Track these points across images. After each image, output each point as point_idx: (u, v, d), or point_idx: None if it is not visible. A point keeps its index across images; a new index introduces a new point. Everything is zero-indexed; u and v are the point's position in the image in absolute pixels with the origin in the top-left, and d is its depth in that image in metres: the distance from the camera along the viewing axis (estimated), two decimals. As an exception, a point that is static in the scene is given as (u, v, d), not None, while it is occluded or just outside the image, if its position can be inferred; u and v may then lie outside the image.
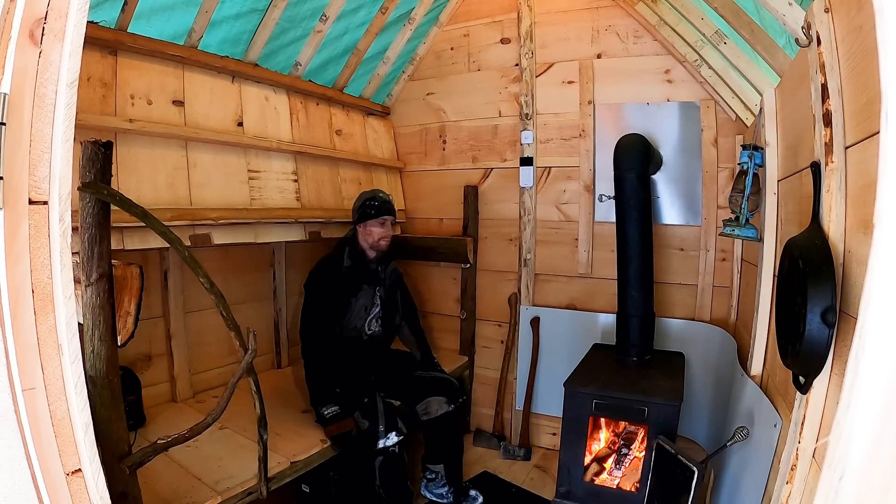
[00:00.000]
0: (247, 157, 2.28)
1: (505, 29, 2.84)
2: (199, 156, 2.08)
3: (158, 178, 1.94)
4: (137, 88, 1.89)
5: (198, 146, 2.07)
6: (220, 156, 2.17)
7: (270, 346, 2.67)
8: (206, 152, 2.11)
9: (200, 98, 2.11)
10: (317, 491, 2.18)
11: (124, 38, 1.82)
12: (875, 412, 0.54)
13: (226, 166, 2.20)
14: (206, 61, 2.12)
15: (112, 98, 1.82)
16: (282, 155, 2.44)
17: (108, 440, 1.13)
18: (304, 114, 2.62)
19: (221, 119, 2.19)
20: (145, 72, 1.92)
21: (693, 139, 2.43)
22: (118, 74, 1.83)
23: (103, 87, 1.79)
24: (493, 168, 2.94)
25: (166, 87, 2.00)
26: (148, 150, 1.90)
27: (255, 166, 2.31)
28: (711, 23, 1.95)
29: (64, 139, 0.76)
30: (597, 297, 2.67)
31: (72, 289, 0.81)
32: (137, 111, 1.88)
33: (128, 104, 1.86)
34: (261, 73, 2.35)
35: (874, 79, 0.66)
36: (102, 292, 1.10)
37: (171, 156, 1.98)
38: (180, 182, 2.02)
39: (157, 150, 1.93)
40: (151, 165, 1.91)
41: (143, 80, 1.91)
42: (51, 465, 0.77)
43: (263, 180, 2.34)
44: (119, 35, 1.81)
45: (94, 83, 1.77)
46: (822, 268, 0.88)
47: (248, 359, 1.26)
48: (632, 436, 2.13)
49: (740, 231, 1.74)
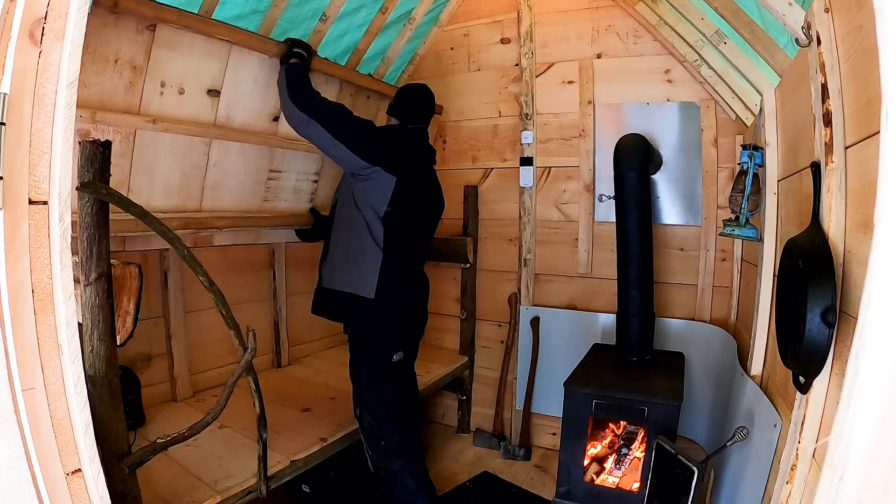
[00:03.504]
0: (272, 156, 2.20)
1: (505, 29, 2.84)
2: (223, 154, 2.01)
3: (173, 179, 1.87)
4: (171, 74, 1.70)
5: (224, 143, 1.98)
6: (245, 155, 2.10)
7: (270, 346, 2.67)
8: (231, 151, 2.03)
9: (242, 87, 1.95)
10: (317, 491, 2.19)
11: (167, 15, 1.57)
12: (875, 412, 0.54)
13: (248, 166, 2.14)
14: (258, 46, 1.90)
15: (139, 85, 1.63)
16: (308, 155, 2.39)
17: (108, 440, 1.13)
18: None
19: (258, 113, 2.05)
20: (185, 53, 1.69)
21: (693, 139, 2.43)
22: (151, 55, 1.61)
23: (132, 72, 1.59)
24: (493, 168, 2.94)
25: (204, 73, 1.81)
26: (169, 148, 1.80)
27: (277, 165, 2.24)
28: (711, 23, 1.95)
29: (64, 139, 0.76)
30: (597, 297, 2.67)
31: (72, 289, 0.81)
32: (165, 103, 1.72)
33: (156, 93, 1.69)
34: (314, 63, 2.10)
35: (874, 79, 0.66)
36: (101, 292, 1.10)
37: (192, 153, 1.91)
38: (195, 183, 1.97)
39: (178, 147, 1.84)
40: (169, 165, 1.83)
41: (179, 63, 1.70)
42: (51, 465, 0.78)
43: (282, 181, 2.31)
44: (161, 10, 1.55)
45: (121, 66, 1.56)
46: (822, 268, 0.88)
47: (247, 357, 1.26)
48: (632, 436, 2.14)
49: (740, 231, 1.74)
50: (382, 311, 1.89)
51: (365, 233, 1.87)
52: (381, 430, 1.93)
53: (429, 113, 2.13)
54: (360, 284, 1.87)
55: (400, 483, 1.96)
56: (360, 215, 1.88)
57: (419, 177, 2.00)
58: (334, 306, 1.97)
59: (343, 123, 1.84)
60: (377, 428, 1.92)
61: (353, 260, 1.89)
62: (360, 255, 1.88)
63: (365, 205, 1.88)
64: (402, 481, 1.96)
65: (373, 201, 1.87)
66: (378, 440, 1.93)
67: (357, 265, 1.88)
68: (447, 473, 2.53)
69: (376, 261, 1.87)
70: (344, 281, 1.90)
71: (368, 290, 1.86)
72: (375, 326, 1.92)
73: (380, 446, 1.94)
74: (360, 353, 1.96)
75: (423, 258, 2.10)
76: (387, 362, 1.94)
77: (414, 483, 1.96)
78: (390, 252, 1.88)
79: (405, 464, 1.96)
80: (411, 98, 2.11)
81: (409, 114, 2.07)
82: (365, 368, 1.94)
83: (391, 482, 1.97)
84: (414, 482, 1.96)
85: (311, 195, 2.52)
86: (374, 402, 1.92)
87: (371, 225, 1.87)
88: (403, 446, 1.96)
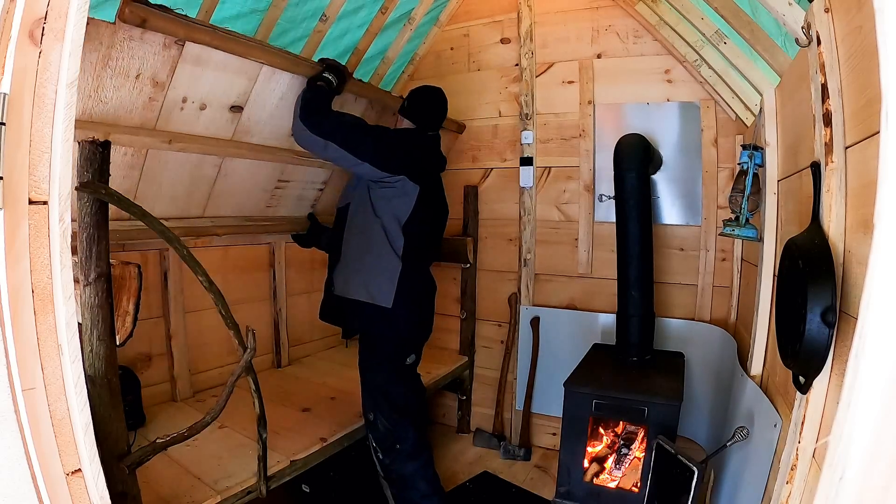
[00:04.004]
0: (284, 167, 2.16)
1: (505, 29, 2.84)
2: (235, 166, 1.98)
3: (180, 189, 1.84)
4: (195, 90, 1.61)
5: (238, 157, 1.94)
6: (257, 166, 2.06)
7: (270, 346, 2.67)
8: (244, 163, 2.00)
9: (267, 105, 1.86)
10: (317, 491, 2.19)
11: (200, 35, 1.47)
12: (875, 412, 0.54)
13: (257, 176, 2.12)
14: (291, 68, 1.83)
15: (160, 101, 1.54)
16: (318, 164, 2.37)
17: (108, 440, 1.12)
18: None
19: (278, 129, 1.97)
20: (213, 69, 1.59)
21: (693, 139, 2.43)
22: (177, 71, 1.51)
23: (153, 87, 1.50)
24: (493, 168, 2.94)
25: (230, 91, 1.72)
26: (181, 161, 1.76)
27: (287, 176, 2.22)
28: (711, 23, 1.95)
29: (64, 139, 0.76)
30: (597, 297, 2.67)
31: (72, 289, 0.81)
32: (184, 118, 1.65)
33: (176, 109, 1.59)
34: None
35: (874, 79, 0.66)
36: (101, 292, 1.10)
37: (203, 166, 1.87)
38: (201, 191, 1.95)
39: (191, 160, 1.80)
40: (178, 176, 1.78)
41: (206, 79, 1.61)
42: (51, 465, 0.78)
43: (289, 189, 2.30)
44: (194, 29, 1.45)
45: (142, 81, 1.47)
46: (822, 268, 0.88)
47: (247, 357, 1.26)
48: (632, 436, 2.13)
49: (740, 231, 1.74)
50: (399, 320, 1.87)
51: (383, 241, 1.85)
52: (397, 432, 1.91)
53: (444, 119, 2.13)
54: (378, 294, 1.85)
55: (412, 486, 1.94)
56: (377, 223, 1.85)
57: (434, 185, 2.00)
58: (349, 315, 1.94)
59: (361, 140, 1.80)
60: (392, 431, 1.90)
61: (371, 269, 1.86)
62: (377, 264, 1.85)
63: (385, 212, 1.85)
64: (414, 485, 1.94)
65: (396, 210, 1.85)
66: (394, 443, 1.91)
67: (375, 275, 1.86)
68: (447, 473, 2.52)
69: (395, 270, 1.85)
70: (361, 290, 1.87)
71: (386, 299, 1.84)
72: (392, 334, 1.90)
73: (395, 450, 1.92)
74: (372, 358, 1.94)
75: (432, 263, 2.11)
76: (400, 366, 1.93)
77: (426, 486, 1.95)
78: (408, 261, 1.87)
79: (419, 467, 1.94)
80: (430, 103, 2.08)
81: (427, 119, 2.05)
82: (378, 372, 1.92)
83: (403, 486, 1.95)
84: (426, 485, 1.95)
85: (313, 202, 2.52)
86: (387, 405, 1.90)
87: (390, 233, 1.85)
88: (418, 448, 1.94)
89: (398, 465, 1.93)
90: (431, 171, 1.99)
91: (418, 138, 2.01)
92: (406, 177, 1.84)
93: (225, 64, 1.63)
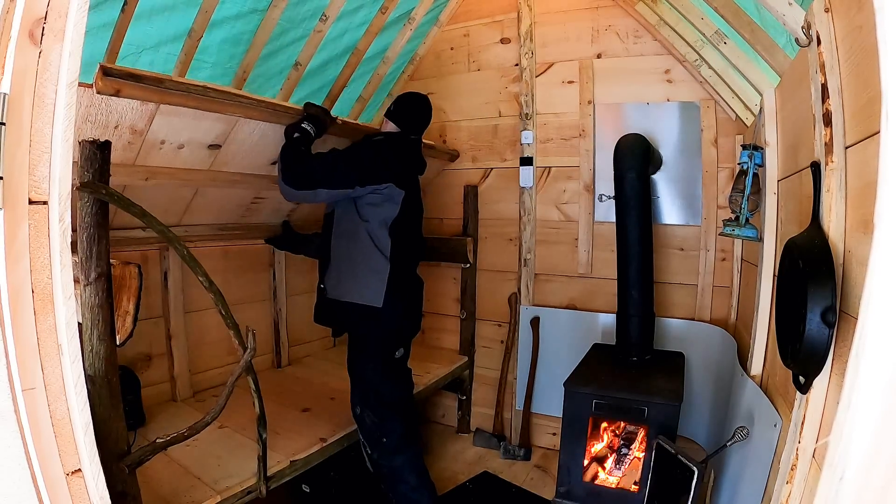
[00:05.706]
0: (260, 186, 2.15)
1: (505, 29, 2.84)
2: (211, 190, 1.99)
3: (156, 209, 1.80)
4: (173, 135, 1.64)
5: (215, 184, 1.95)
6: (236, 189, 2.08)
7: (270, 346, 2.67)
8: (221, 187, 2.01)
9: (246, 142, 1.87)
10: (317, 491, 2.19)
11: (174, 99, 1.49)
12: (875, 412, 0.54)
13: (233, 197, 2.14)
14: (272, 119, 1.83)
15: (138, 144, 1.58)
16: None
17: (108, 440, 1.13)
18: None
19: (257, 158, 1.98)
20: (191, 118, 1.62)
21: (693, 139, 2.43)
22: (154, 121, 1.54)
23: (132, 134, 1.54)
24: (493, 168, 2.94)
25: (208, 134, 1.73)
26: (157, 190, 1.78)
27: (264, 194, 2.23)
28: (711, 23, 1.95)
29: (64, 139, 0.76)
30: (597, 297, 2.67)
31: (72, 289, 0.81)
32: (162, 157, 1.68)
33: (154, 149, 1.63)
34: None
35: (874, 79, 0.66)
36: (101, 292, 1.10)
37: (181, 192, 1.91)
38: (178, 207, 1.97)
39: (166, 189, 1.82)
40: (154, 200, 1.78)
41: (184, 126, 1.63)
42: (51, 465, 0.77)
43: (264, 204, 2.30)
44: (167, 95, 1.47)
45: (121, 130, 1.50)
46: (822, 268, 0.88)
47: (247, 357, 1.26)
48: (632, 436, 2.13)
49: (740, 231, 1.74)
50: (388, 317, 1.93)
51: (369, 244, 1.90)
52: (384, 426, 1.94)
53: (427, 125, 2.19)
54: (369, 294, 1.91)
55: (401, 479, 1.97)
56: (363, 226, 1.91)
57: (415, 187, 2.06)
58: (340, 316, 1.99)
59: (346, 174, 1.83)
60: (379, 425, 1.93)
61: (361, 271, 1.92)
62: (366, 266, 1.91)
63: (372, 217, 1.90)
64: (403, 477, 1.97)
65: (383, 214, 1.91)
66: (380, 437, 1.94)
67: (365, 276, 1.91)
68: (447, 473, 2.53)
69: (384, 271, 1.91)
70: (352, 292, 1.93)
71: (376, 299, 1.90)
72: (380, 330, 1.95)
73: (381, 443, 1.95)
74: (362, 355, 1.98)
75: (418, 260, 2.15)
76: (389, 360, 1.97)
77: (415, 479, 1.98)
78: (396, 261, 1.92)
79: (407, 459, 1.97)
80: (415, 109, 2.14)
81: (412, 124, 2.11)
82: (367, 368, 1.96)
83: (392, 479, 1.98)
84: (415, 478, 1.98)
85: (288, 213, 2.53)
86: (375, 399, 1.94)
87: (376, 236, 1.90)
88: (405, 441, 1.97)
89: (386, 459, 1.96)
90: (413, 173, 2.07)
91: (401, 142, 2.06)
92: (393, 184, 1.90)
93: (203, 114, 1.64)
